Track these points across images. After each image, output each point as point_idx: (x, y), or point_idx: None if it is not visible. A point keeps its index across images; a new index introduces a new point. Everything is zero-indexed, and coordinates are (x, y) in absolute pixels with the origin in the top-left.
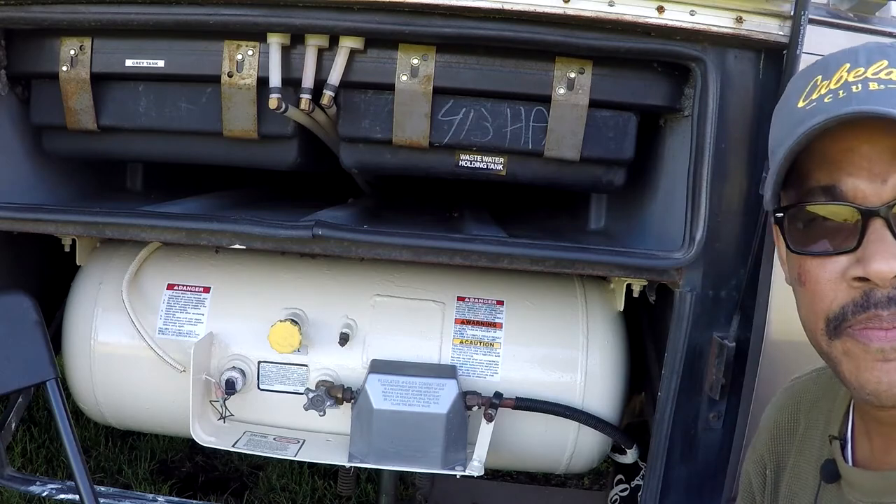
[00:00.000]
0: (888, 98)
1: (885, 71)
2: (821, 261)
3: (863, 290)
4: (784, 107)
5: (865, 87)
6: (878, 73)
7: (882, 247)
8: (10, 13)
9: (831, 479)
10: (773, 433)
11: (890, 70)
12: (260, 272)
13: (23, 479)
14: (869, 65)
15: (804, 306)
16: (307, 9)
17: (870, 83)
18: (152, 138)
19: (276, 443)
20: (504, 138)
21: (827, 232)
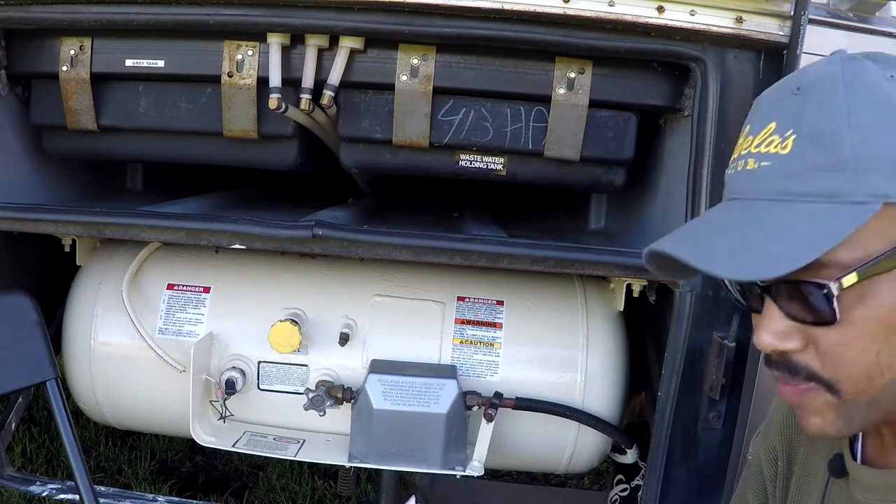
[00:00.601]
0: (755, 181)
1: (767, 140)
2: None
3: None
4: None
5: (744, 167)
6: (761, 143)
7: (768, 319)
8: (10, 13)
9: (839, 474)
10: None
11: (772, 139)
12: (260, 272)
13: (23, 479)
14: (759, 131)
15: None
16: (307, 9)
17: (749, 160)
18: (152, 138)
19: (276, 443)
20: (504, 138)
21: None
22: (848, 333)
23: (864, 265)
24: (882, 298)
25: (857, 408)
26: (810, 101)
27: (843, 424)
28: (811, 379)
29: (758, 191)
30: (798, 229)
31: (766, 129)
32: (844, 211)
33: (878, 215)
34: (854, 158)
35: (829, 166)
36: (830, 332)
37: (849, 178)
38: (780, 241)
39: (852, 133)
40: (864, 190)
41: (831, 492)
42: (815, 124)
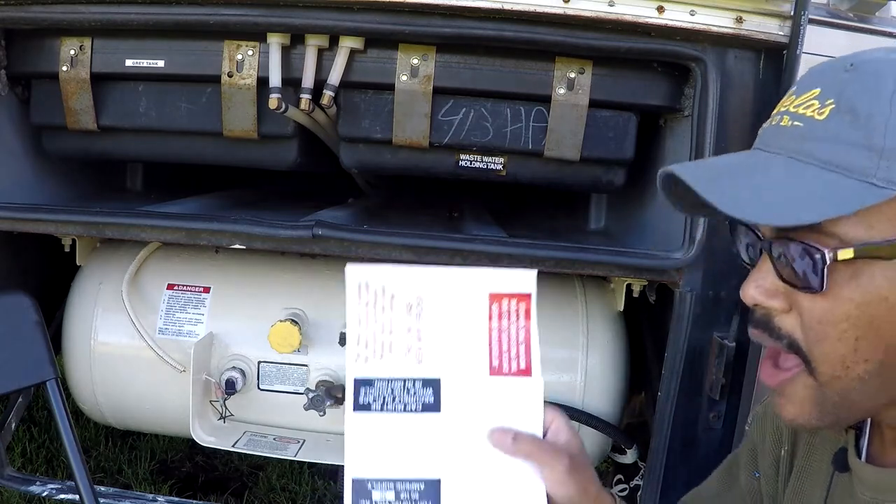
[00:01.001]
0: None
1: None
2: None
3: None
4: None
5: (778, 122)
6: (800, 105)
7: (758, 274)
8: (10, 13)
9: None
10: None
11: (812, 103)
12: (260, 272)
13: (23, 479)
14: (801, 94)
15: None
16: (307, 9)
17: (784, 117)
18: (152, 138)
19: (276, 443)
20: (504, 138)
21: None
22: (833, 310)
23: (863, 244)
24: (873, 285)
25: (830, 398)
26: (859, 79)
27: (817, 415)
28: (792, 348)
29: (783, 147)
30: (811, 190)
31: (809, 93)
32: (861, 188)
33: (890, 203)
34: (885, 144)
35: (857, 143)
36: (816, 304)
37: (873, 160)
38: (791, 195)
39: (889, 119)
40: (885, 175)
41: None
42: (857, 101)
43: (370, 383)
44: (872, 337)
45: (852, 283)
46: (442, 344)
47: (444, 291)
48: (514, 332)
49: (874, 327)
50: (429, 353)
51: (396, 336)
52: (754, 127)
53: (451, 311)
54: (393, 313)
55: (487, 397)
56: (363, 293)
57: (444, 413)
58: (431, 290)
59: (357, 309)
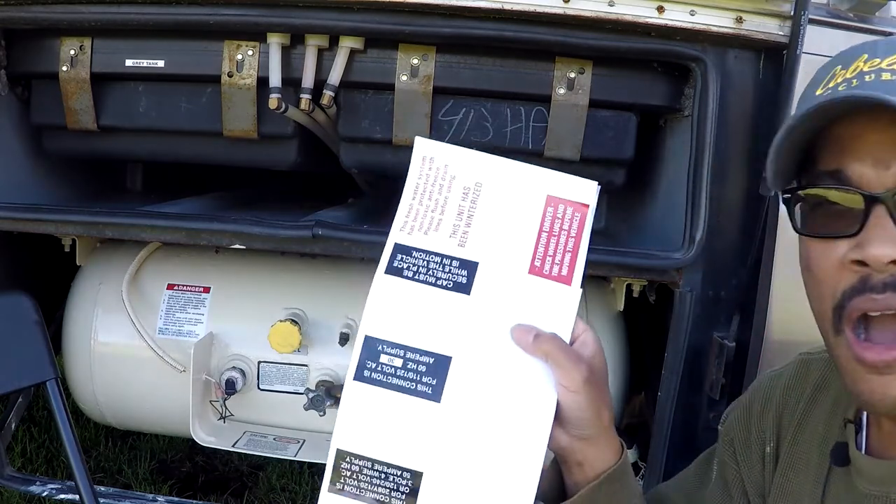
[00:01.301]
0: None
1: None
2: (825, 245)
3: (860, 276)
4: (804, 95)
5: (878, 77)
6: (893, 63)
7: (881, 232)
8: (10, 13)
9: (842, 462)
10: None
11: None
12: (260, 272)
13: (23, 479)
14: (886, 55)
15: (811, 293)
16: (307, 9)
17: (883, 73)
18: (152, 138)
19: (276, 443)
20: (504, 138)
21: (832, 216)
22: None
23: None
24: None
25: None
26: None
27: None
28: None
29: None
30: None
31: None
32: None
33: None
34: None
35: None
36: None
37: None
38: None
39: None
40: None
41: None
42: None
43: (408, 251)
44: None
45: None
46: (489, 233)
47: (504, 182)
48: (564, 239)
49: None
50: (474, 238)
51: (447, 216)
52: (754, 127)
53: (506, 203)
54: (450, 193)
55: (521, 293)
56: (426, 165)
57: (474, 297)
58: (492, 178)
59: (416, 180)
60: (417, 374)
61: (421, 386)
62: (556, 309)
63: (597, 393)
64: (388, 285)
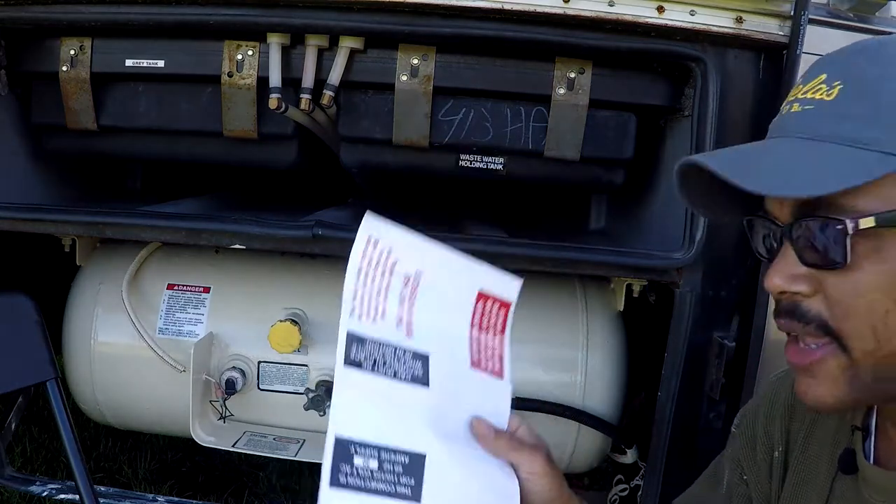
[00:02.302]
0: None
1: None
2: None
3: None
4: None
5: (789, 110)
6: (808, 91)
7: (781, 263)
8: (10, 13)
9: (850, 469)
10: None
11: (819, 87)
12: (260, 272)
13: (23, 479)
14: (808, 81)
15: None
16: (307, 9)
17: (794, 105)
18: (152, 138)
19: (276, 443)
20: (504, 138)
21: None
22: (859, 282)
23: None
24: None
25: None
26: (863, 56)
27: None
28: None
29: (796, 130)
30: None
31: (816, 80)
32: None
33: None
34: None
35: (868, 116)
36: (841, 280)
37: (884, 131)
38: (811, 168)
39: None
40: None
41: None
42: (863, 76)
43: (362, 341)
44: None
45: (876, 255)
46: (432, 324)
47: (442, 274)
48: (491, 336)
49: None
50: (419, 328)
51: (391, 303)
52: (754, 127)
53: (443, 295)
54: (392, 279)
55: (468, 386)
56: (370, 249)
57: (433, 389)
58: (431, 268)
59: (360, 261)
60: (395, 475)
61: (400, 487)
62: (496, 402)
63: (556, 470)
64: (351, 380)
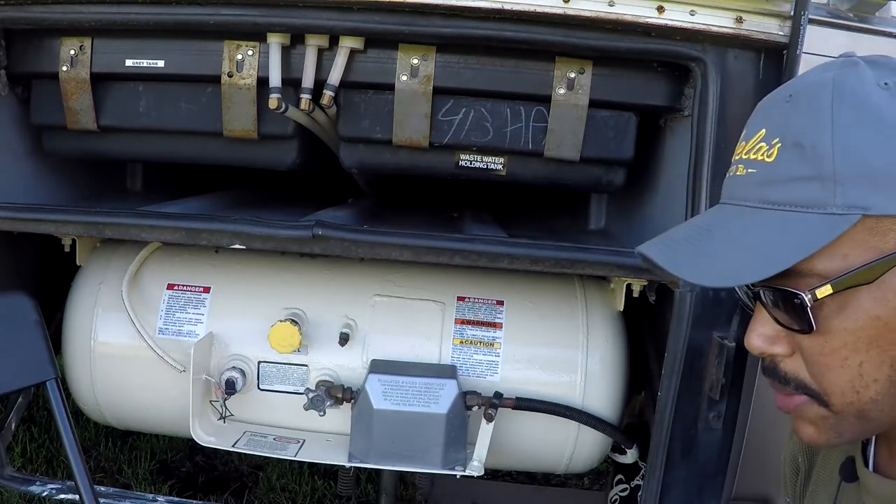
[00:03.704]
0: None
1: (756, 147)
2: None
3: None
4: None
5: (735, 172)
6: (750, 150)
7: (758, 323)
8: (10, 13)
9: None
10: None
11: (760, 146)
12: (260, 272)
13: (23, 479)
14: (749, 138)
15: None
16: (307, 9)
17: (739, 166)
18: (152, 138)
19: (276, 443)
20: (504, 138)
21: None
22: (829, 343)
23: (839, 276)
24: (862, 310)
25: (847, 421)
26: (798, 109)
27: (834, 435)
28: (800, 389)
29: (743, 197)
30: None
31: (756, 136)
32: (822, 222)
33: (858, 227)
34: (835, 169)
35: (810, 176)
36: (813, 341)
37: (829, 189)
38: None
39: (834, 143)
40: (843, 202)
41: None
42: (800, 133)
43: None
44: (875, 357)
45: (841, 315)
46: None
47: None
48: None
49: (875, 347)
50: None
51: None
52: None
53: None
54: None
55: None
56: None
57: None
58: None
59: None
60: None
61: None
62: None
63: None
64: None
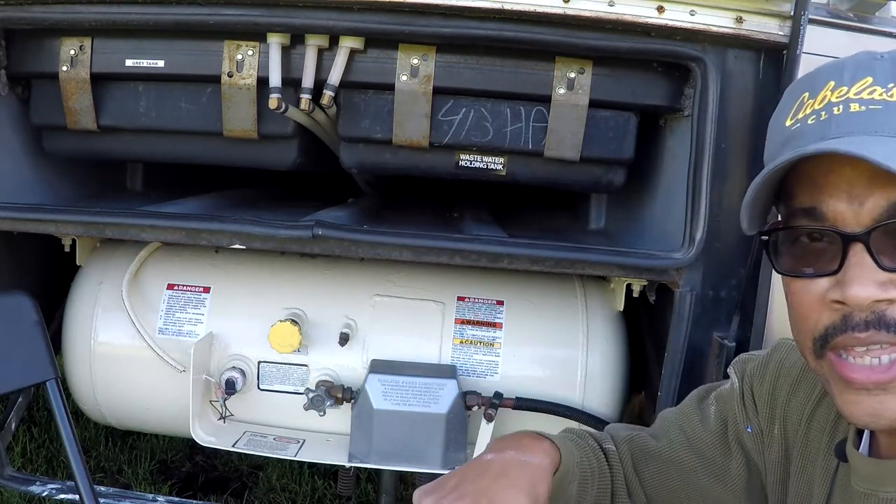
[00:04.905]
0: (867, 121)
1: (868, 90)
2: (805, 283)
3: (842, 314)
4: (774, 123)
5: (846, 109)
6: (860, 92)
7: (860, 271)
8: (10, 13)
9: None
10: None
11: (874, 88)
12: (260, 272)
13: (23, 479)
14: (853, 83)
15: (793, 325)
16: (307, 9)
17: (851, 104)
18: (152, 138)
19: (276, 443)
20: (504, 138)
21: (811, 254)
22: None
23: None
24: None
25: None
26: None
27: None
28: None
29: (874, 129)
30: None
31: (862, 82)
32: None
33: None
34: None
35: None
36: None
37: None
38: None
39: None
40: None
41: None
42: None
43: None
44: None
45: None
46: None
47: None
48: None
49: None
50: None
51: None
52: (754, 127)
53: None
54: None
55: None
56: None
57: None
58: None
59: None
60: None
61: None
62: None
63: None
64: None
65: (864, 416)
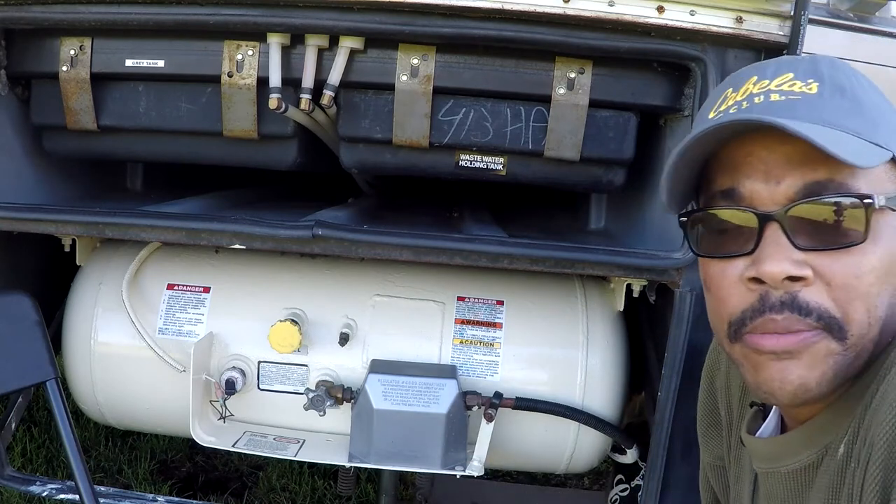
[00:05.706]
0: (786, 109)
1: (788, 83)
2: (722, 265)
3: (759, 294)
4: (699, 117)
5: (766, 99)
6: (781, 84)
7: (775, 248)
8: (10, 13)
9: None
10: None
11: (794, 82)
12: (260, 272)
13: (23, 479)
14: (774, 77)
15: (711, 311)
16: (307, 9)
17: (772, 94)
18: (152, 138)
19: (276, 443)
20: (504, 138)
21: (728, 236)
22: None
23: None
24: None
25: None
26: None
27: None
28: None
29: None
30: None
31: (783, 77)
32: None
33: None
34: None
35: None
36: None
37: (869, 126)
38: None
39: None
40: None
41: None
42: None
43: None
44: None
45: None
46: None
47: None
48: None
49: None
50: None
51: None
52: None
53: None
54: None
55: None
56: None
57: None
58: None
59: None
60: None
61: None
62: None
63: None
64: None
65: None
